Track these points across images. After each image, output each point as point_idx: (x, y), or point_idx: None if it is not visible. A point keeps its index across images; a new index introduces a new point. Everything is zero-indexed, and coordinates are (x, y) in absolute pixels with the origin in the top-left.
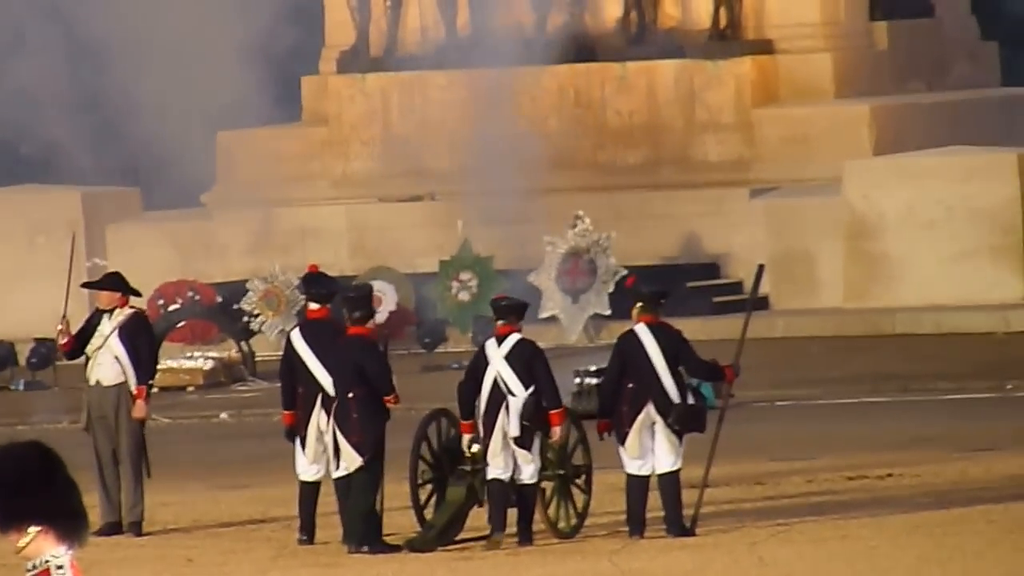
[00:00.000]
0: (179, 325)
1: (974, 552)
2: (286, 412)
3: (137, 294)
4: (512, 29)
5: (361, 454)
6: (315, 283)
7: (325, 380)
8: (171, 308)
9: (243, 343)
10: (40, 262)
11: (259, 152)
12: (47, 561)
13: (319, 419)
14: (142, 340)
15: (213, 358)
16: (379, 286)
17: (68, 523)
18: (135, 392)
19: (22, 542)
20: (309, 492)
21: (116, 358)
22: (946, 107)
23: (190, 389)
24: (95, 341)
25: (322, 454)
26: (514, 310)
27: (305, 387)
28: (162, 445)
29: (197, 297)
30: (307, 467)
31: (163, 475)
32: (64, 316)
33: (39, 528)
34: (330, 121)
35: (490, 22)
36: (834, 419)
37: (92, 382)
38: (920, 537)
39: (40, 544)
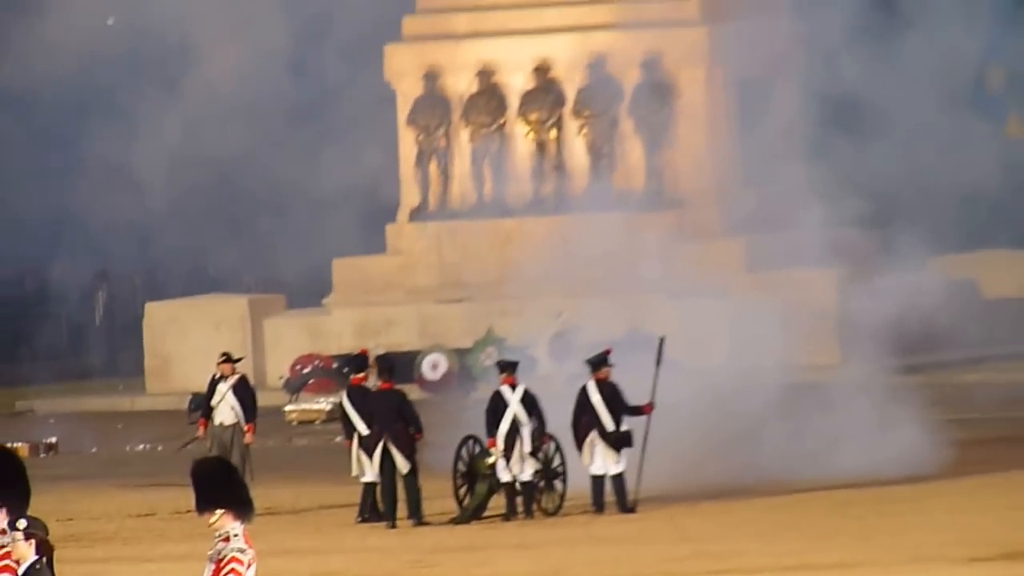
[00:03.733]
0: (310, 382)
1: None
2: (347, 440)
3: (238, 360)
4: (519, 191)
5: (408, 460)
6: (352, 361)
7: (360, 425)
8: (305, 371)
9: None
10: (223, 342)
11: (359, 271)
12: (228, 531)
13: (357, 449)
14: (247, 394)
15: (331, 403)
16: (436, 357)
17: (241, 507)
18: (246, 428)
19: (212, 519)
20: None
21: (232, 407)
22: None
23: (317, 423)
24: (216, 397)
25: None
26: (513, 367)
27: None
28: (297, 459)
29: (321, 364)
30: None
31: (300, 478)
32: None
33: (223, 510)
34: (403, 252)
35: (503, 190)
36: None
37: (216, 423)
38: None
39: (224, 520)
